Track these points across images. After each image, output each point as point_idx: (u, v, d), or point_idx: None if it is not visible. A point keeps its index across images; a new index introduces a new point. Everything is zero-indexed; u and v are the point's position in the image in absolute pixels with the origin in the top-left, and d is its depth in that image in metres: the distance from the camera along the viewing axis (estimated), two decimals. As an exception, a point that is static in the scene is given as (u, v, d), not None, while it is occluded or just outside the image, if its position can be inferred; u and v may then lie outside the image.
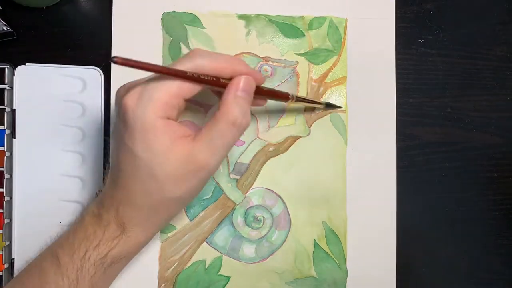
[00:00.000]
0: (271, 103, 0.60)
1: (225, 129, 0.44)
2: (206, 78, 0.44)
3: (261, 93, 0.49)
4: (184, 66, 0.43)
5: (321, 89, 0.61)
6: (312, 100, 0.58)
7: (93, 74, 0.60)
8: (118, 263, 0.49)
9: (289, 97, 0.53)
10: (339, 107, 0.61)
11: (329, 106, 0.60)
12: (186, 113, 0.59)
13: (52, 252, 0.49)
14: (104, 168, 0.60)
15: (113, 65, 0.59)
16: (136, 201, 0.46)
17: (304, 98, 0.57)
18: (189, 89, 0.44)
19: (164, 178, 0.44)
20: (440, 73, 0.62)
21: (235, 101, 0.44)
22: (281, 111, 0.61)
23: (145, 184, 0.45)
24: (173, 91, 0.43)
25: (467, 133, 0.62)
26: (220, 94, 0.46)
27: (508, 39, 0.62)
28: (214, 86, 0.45)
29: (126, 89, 0.45)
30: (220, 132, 0.44)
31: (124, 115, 0.43)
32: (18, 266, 0.59)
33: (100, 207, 0.48)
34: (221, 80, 0.45)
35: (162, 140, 0.43)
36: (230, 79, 0.46)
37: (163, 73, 0.42)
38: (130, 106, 0.43)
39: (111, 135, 0.48)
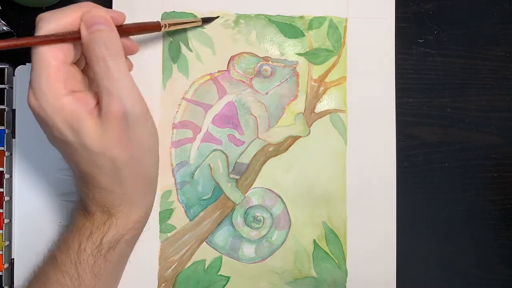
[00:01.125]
0: (271, 102, 0.60)
1: (100, 71, 0.43)
2: (64, 37, 0.43)
3: (126, 30, 0.48)
4: (35, 38, 0.42)
5: (321, 89, 0.61)
6: (185, 21, 0.58)
7: (93, 74, 0.60)
8: (117, 247, 0.49)
9: (161, 25, 0.52)
10: (216, 17, 0.61)
11: (206, 21, 0.60)
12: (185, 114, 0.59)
13: (51, 255, 0.50)
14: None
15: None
16: (100, 182, 0.46)
17: (176, 22, 0.56)
18: (65, 53, 0.43)
19: (102, 148, 0.43)
20: (440, 73, 0.62)
21: (94, 38, 0.43)
22: (281, 111, 0.61)
23: (96, 165, 0.45)
24: (51, 63, 0.42)
25: (467, 133, 0.62)
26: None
27: (508, 39, 0.62)
28: (76, 40, 0.44)
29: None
30: (100, 77, 0.43)
31: (38, 116, 0.43)
32: (18, 266, 0.59)
33: (84, 202, 0.49)
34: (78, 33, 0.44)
35: (79, 117, 0.42)
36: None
37: (21, 45, 0.41)
38: (34, 106, 0.43)
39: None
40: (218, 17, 0.61)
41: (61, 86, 0.42)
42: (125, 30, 0.48)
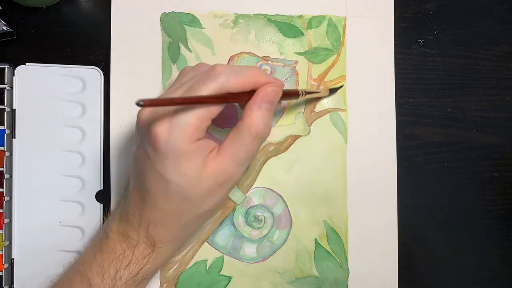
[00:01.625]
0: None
1: (248, 142, 0.44)
2: (234, 96, 0.44)
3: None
4: (208, 88, 0.43)
5: (321, 88, 0.61)
6: (316, 91, 0.59)
7: (93, 74, 0.60)
8: (149, 278, 0.51)
9: (299, 93, 0.53)
10: (341, 86, 0.61)
11: (333, 90, 0.60)
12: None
13: (81, 274, 0.49)
14: (104, 168, 0.60)
15: (112, 64, 0.59)
16: (167, 221, 0.47)
17: (311, 91, 0.57)
18: (217, 109, 0.44)
19: (197, 198, 0.45)
20: (440, 73, 0.62)
21: (260, 112, 0.44)
22: (281, 111, 0.61)
23: (178, 206, 0.46)
24: (203, 115, 0.43)
25: (467, 133, 0.62)
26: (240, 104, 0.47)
27: (508, 39, 0.63)
28: (241, 101, 0.45)
29: (151, 112, 0.45)
30: (244, 145, 0.44)
31: (155, 143, 0.43)
32: (18, 266, 0.59)
33: (126, 226, 0.49)
34: (246, 94, 0.45)
35: (194, 164, 0.43)
36: (251, 91, 0.46)
37: (193, 103, 0.42)
38: (162, 136, 0.43)
39: (135, 156, 0.48)
40: (342, 86, 0.61)
41: (196, 134, 0.43)
42: None
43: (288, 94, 0.52)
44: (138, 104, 0.38)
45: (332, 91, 0.60)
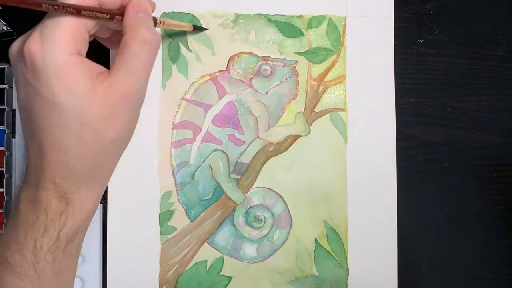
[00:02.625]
0: (271, 102, 0.60)
1: (138, 50, 0.41)
2: (99, 9, 0.41)
3: None
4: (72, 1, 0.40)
5: (321, 88, 0.61)
6: (179, 23, 0.58)
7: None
8: (75, 239, 0.44)
9: (157, 21, 0.50)
10: (206, 28, 0.61)
11: (196, 28, 0.60)
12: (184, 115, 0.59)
13: (0, 258, 0.43)
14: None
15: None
16: (72, 161, 0.41)
17: (170, 23, 0.56)
18: (89, 21, 0.41)
19: (97, 121, 0.40)
20: (440, 73, 0.62)
21: (139, 21, 0.42)
22: (281, 111, 0.61)
23: (78, 135, 0.40)
24: (75, 23, 0.39)
25: (467, 133, 0.62)
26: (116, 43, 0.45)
27: (508, 39, 0.63)
28: (109, 14, 0.42)
29: (21, 41, 0.41)
30: (133, 54, 0.41)
31: (32, 63, 0.39)
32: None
33: (32, 188, 0.42)
34: (114, 10, 0.43)
35: (81, 78, 0.39)
36: (120, 12, 0.43)
37: (53, 9, 0.39)
38: (36, 51, 0.39)
39: (19, 103, 0.42)
40: (207, 29, 0.61)
41: (73, 45, 0.39)
42: None
43: None
44: None
45: (196, 28, 0.60)
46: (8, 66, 0.59)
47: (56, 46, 0.38)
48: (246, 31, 0.61)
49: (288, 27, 0.61)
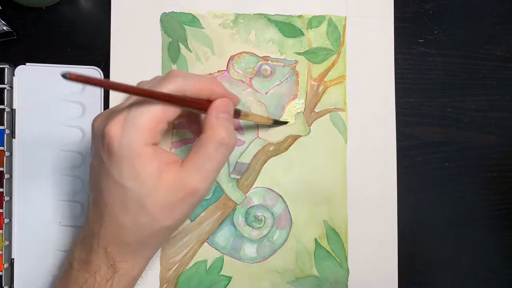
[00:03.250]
0: (271, 102, 0.60)
1: (213, 151, 0.43)
2: (190, 100, 0.43)
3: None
4: (165, 88, 0.42)
5: (321, 88, 0.61)
6: (260, 116, 0.58)
7: (93, 74, 0.60)
8: None
9: (241, 114, 0.52)
10: (286, 122, 0.61)
11: (276, 123, 0.60)
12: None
13: None
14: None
15: (112, 64, 0.60)
16: (125, 236, 0.44)
17: (250, 114, 0.56)
18: (173, 111, 0.43)
19: (155, 209, 0.42)
20: (440, 73, 0.62)
21: (219, 122, 0.44)
22: (281, 111, 0.61)
23: (135, 217, 0.43)
24: (158, 115, 0.42)
25: (467, 133, 0.62)
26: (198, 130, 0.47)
27: (508, 39, 0.63)
28: (197, 107, 0.44)
29: (105, 118, 0.43)
30: (208, 155, 0.43)
31: (109, 145, 0.41)
32: (18, 266, 0.59)
33: (86, 250, 0.46)
34: (203, 101, 0.45)
35: (150, 168, 0.41)
36: (208, 100, 0.45)
37: (149, 96, 0.41)
38: (115, 135, 0.41)
39: (91, 170, 0.46)
40: (287, 122, 0.61)
41: (151, 136, 0.42)
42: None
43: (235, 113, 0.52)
44: (63, 76, 0.35)
45: (277, 122, 0.60)
46: (8, 66, 0.59)
47: (135, 136, 0.41)
48: (246, 31, 0.61)
49: (288, 27, 0.61)
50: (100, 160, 0.43)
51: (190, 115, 0.51)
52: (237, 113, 0.51)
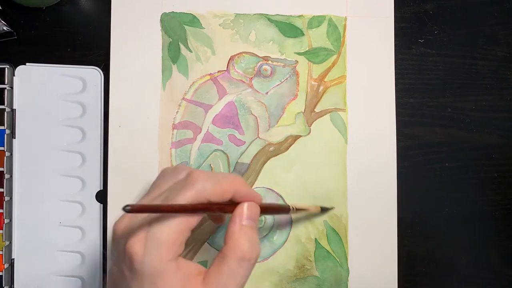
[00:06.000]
0: (271, 102, 0.60)
1: (235, 267, 0.41)
2: (212, 207, 0.42)
3: (262, 210, 0.46)
4: (185, 195, 0.41)
5: (321, 88, 0.61)
6: (308, 208, 0.57)
7: (93, 74, 0.60)
8: None
9: (290, 209, 0.51)
10: (332, 208, 0.60)
11: (324, 210, 0.59)
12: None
13: None
14: (104, 168, 0.60)
15: (112, 64, 0.60)
16: None
17: (302, 208, 0.56)
18: (196, 219, 0.41)
19: None
20: (440, 73, 0.62)
21: (242, 232, 0.42)
22: (281, 111, 0.61)
23: None
24: (181, 228, 0.40)
25: (467, 133, 0.62)
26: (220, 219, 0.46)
27: (508, 39, 0.63)
28: (220, 211, 0.43)
29: (127, 230, 0.42)
30: (230, 272, 0.40)
31: (131, 261, 0.40)
32: (18, 266, 0.59)
33: None
34: (226, 205, 0.43)
35: (172, 285, 0.40)
36: (232, 202, 0.43)
37: (172, 211, 0.40)
38: (137, 253, 0.40)
39: (110, 275, 0.45)
40: (333, 208, 0.60)
41: (174, 250, 0.40)
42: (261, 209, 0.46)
43: (279, 209, 0.52)
44: (124, 209, 0.36)
45: (324, 210, 0.59)
46: (8, 66, 0.59)
47: (157, 254, 0.39)
48: (246, 31, 0.61)
49: (288, 27, 0.61)
50: (121, 270, 0.42)
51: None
52: (285, 210, 0.51)
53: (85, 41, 0.61)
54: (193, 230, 0.42)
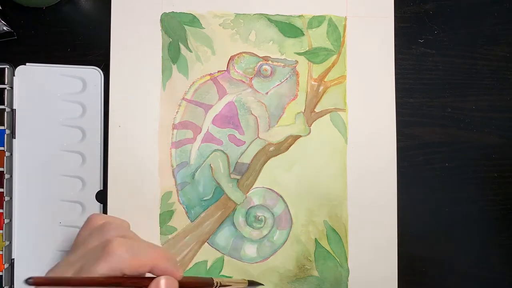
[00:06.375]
0: (271, 102, 0.60)
1: None
2: (127, 281, 0.41)
3: (183, 286, 0.45)
4: (101, 268, 0.39)
5: (321, 88, 0.61)
6: (234, 281, 0.56)
7: (93, 74, 0.60)
8: None
9: (214, 283, 0.49)
10: (261, 284, 0.59)
11: (253, 284, 0.57)
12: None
13: None
14: (104, 168, 0.60)
15: (112, 64, 0.60)
16: None
17: (227, 283, 0.53)
18: None
19: None
20: (440, 73, 0.62)
21: None
22: (281, 111, 0.61)
23: None
24: None
25: (467, 133, 0.62)
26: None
27: (508, 39, 0.63)
28: (135, 287, 0.42)
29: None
30: None
31: None
32: (18, 266, 0.59)
33: None
34: (142, 280, 0.42)
35: None
36: (149, 278, 0.42)
37: (81, 285, 0.38)
38: None
39: None
40: (262, 285, 0.59)
41: None
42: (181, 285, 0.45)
43: (201, 284, 0.49)
44: (27, 281, 0.35)
45: (251, 283, 0.57)
46: (8, 66, 0.59)
47: None
48: (246, 31, 0.61)
49: (288, 27, 0.61)
50: None
51: None
52: (207, 285, 0.49)
53: (85, 41, 0.61)
54: None
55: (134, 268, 0.40)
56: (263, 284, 0.59)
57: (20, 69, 0.59)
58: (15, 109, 0.59)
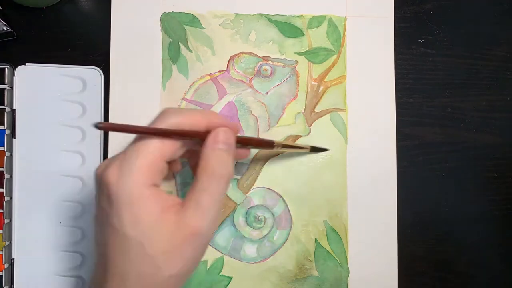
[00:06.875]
0: (271, 102, 0.60)
1: (206, 184, 0.41)
2: (186, 131, 0.42)
3: (243, 142, 0.48)
4: (159, 125, 0.42)
5: (321, 88, 0.61)
6: (297, 146, 0.58)
7: (93, 74, 0.60)
8: None
9: (274, 144, 0.51)
10: (326, 149, 0.60)
11: (315, 150, 0.59)
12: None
13: None
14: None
15: (112, 64, 0.60)
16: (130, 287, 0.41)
17: (288, 145, 0.56)
18: (170, 149, 0.42)
19: (157, 255, 0.39)
20: (440, 73, 0.62)
21: (214, 154, 0.42)
22: (281, 111, 0.61)
23: (138, 267, 0.40)
24: (154, 154, 0.40)
25: (467, 133, 0.62)
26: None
27: (508, 39, 0.63)
28: (194, 138, 0.43)
29: (105, 165, 0.41)
30: (202, 189, 0.41)
31: (108, 191, 0.40)
32: (18, 266, 0.59)
33: None
34: (200, 132, 0.43)
35: (150, 211, 0.39)
36: (206, 131, 0.44)
37: (142, 133, 0.41)
38: (112, 180, 0.39)
39: (94, 220, 0.43)
40: (327, 149, 0.60)
41: (149, 177, 0.40)
42: (241, 141, 0.47)
43: (261, 144, 0.51)
44: (96, 125, 0.37)
45: (314, 149, 0.59)
46: (8, 66, 0.59)
47: (132, 178, 0.39)
48: (246, 31, 0.61)
49: (288, 27, 0.61)
50: (101, 210, 0.41)
51: (192, 156, 0.49)
52: (269, 144, 0.51)
53: (85, 41, 0.61)
54: (169, 162, 0.43)
55: (191, 124, 0.43)
56: (328, 149, 0.60)
57: (20, 69, 0.59)
58: (15, 109, 0.59)
